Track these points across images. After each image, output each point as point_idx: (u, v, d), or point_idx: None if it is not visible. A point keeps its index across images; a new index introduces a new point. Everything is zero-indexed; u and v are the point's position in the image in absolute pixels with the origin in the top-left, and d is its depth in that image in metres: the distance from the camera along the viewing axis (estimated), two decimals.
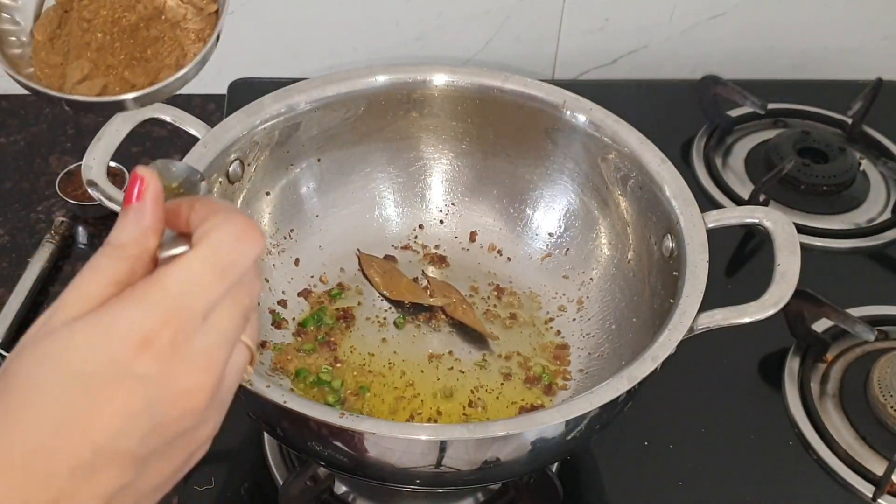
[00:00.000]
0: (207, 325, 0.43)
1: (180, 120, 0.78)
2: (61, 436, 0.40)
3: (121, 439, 0.41)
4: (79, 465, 0.40)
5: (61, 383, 0.40)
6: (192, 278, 0.42)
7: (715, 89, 1.09)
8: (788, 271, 0.70)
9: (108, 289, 0.42)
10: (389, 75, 0.84)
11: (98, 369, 0.41)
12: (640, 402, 0.70)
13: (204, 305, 0.43)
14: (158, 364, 0.41)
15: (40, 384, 0.40)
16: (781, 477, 0.80)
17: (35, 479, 0.40)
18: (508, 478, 0.72)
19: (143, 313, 0.41)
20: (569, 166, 0.85)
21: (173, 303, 0.42)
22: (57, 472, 0.40)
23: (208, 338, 0.43)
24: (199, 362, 0.43)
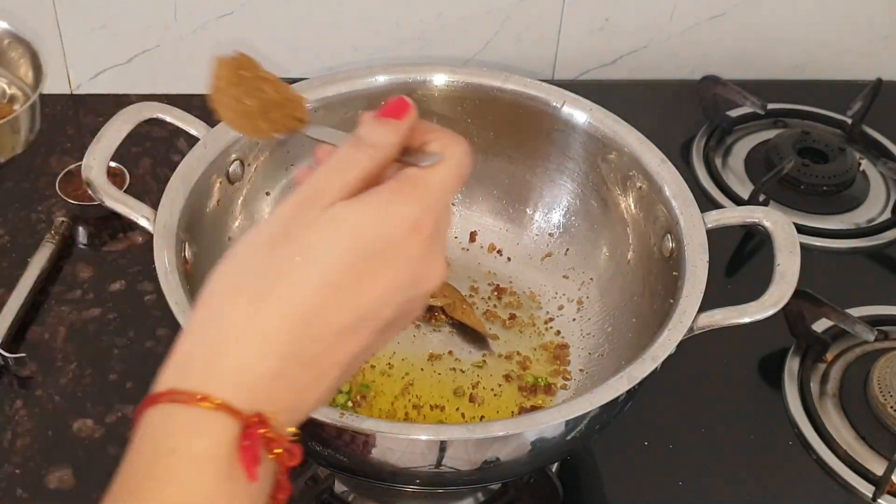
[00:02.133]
0: (443, 222, 0.51)
1: (181, 120, 0.78)
2: (337, 298, 0.47)
3: (382, 308, 0.48)
4: (345, 328, 0.47)
5: (346, 252, 0.47)
6: (446, 182, 0.50)
7: (715, 89, 1.09)
8: (788, 271, 0.70)
9: (361, 181, 0.49)
10: (389, 75, 0.84)
11: (378, 246, 0.47)
12: (640, 402, 0.70)
13: (449, 204, 0.52)
14: (423, 247, 0.49)
15: (324, 251, 0.47)
16: (781, 477, 0.80)
17: (308, 333, 0.46)
18: (508, 478, 0.72)
19: (415, 205, 0.49)
20: (569, 166, 0.85)
21: (435, 200, 0.50)
22: (327, 332, 0.47)
23: (443, 232, 0.51)
24: (440, 250, 0.51)
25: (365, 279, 0.47)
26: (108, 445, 0.81)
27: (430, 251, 0.49)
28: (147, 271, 0.93)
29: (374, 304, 0.48)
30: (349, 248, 0.47)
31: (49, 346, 0.87)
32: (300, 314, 0.46)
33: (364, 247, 0.47)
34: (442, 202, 0.50)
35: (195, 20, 1.08)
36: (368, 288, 0.47)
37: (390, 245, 0.48)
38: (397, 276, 0.48)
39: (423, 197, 0.49)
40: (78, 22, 1.07)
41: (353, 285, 0.47)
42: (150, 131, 1.06)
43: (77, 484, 0.78)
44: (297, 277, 0.46)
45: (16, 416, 0.82)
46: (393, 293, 0.48)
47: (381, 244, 0.48)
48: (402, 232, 0.48)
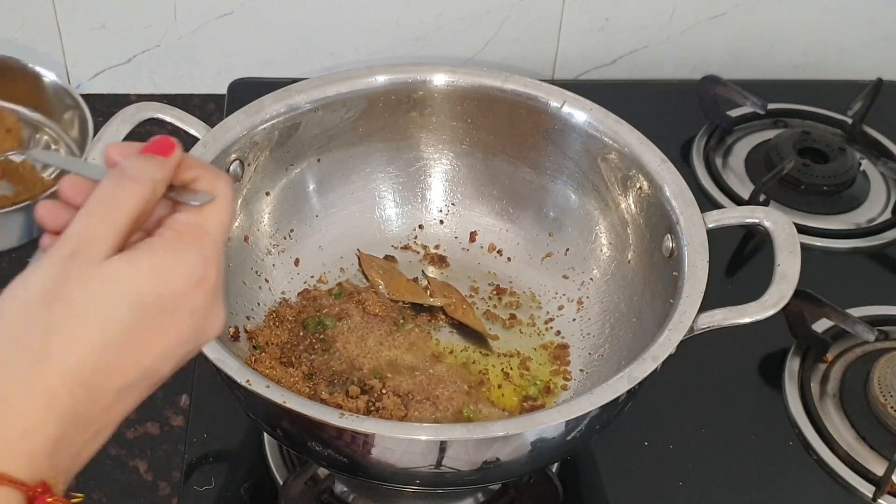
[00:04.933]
0: (222, 260, 0.50)
1: (180, 120, 0.78)
2: (118, 358, 0.45)
3: (164, 364, 0.47)
4: (126, 385, 0.46)
5: (125, 312, 0.45)
6: (222, 223, 0.49)
7: (715, 89, 1.08)
8: (788, 271, 0.70)
9: (130, 224, 0.47)
10: (389, 75, 0.84)
11: (160, 302, 0.46)
12: (641, 402, 0.70)
13: (222, 244, 0.50)
14: (207, 298, 0.48)
15: (103, 310, 0.45)
16: (782, 477, 0.80)
17: (89, 394, 0.45)
18: (508, 478, 0.72)
19: (197, 258, 0.47)
20: (569, 166, 0.85)
21: (214, 246, 0.48)
22: (108, 389, 0.46)
23: (221, 271, 0.50)
24: (222, 293, 0.49)
25: (146, 337, 0.46)
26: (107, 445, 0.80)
27: (213, 301, 0.48)
28: None
29: (156, 362, 0.47)
30: (129, 308, 0.45)
31: None
32: (80, 376, 0.44)
33: (145, 305, 0.46)
34: (219, 246, 0.49)
35: (195, 20, 1.07)
36: (150, 346, 0.46)
37: (172, 301, 0.46)
38: (181, 331, 0.47)
39: (203, 246, 0.48)
40: (78, 22, 1.06)
41: (133, 344, 0.45)
42: (149, 131, 1.05)
43: (77, 484, 0.78)
44: (75, 338, 0.44)
45: None
46: (175, 348, 0.47)
47: (163, 301, 0.46)
48: (186, 287, 0.47)
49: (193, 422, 0.81)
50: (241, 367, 0.63)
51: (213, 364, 0.63)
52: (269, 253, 0.84)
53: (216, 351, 0.64)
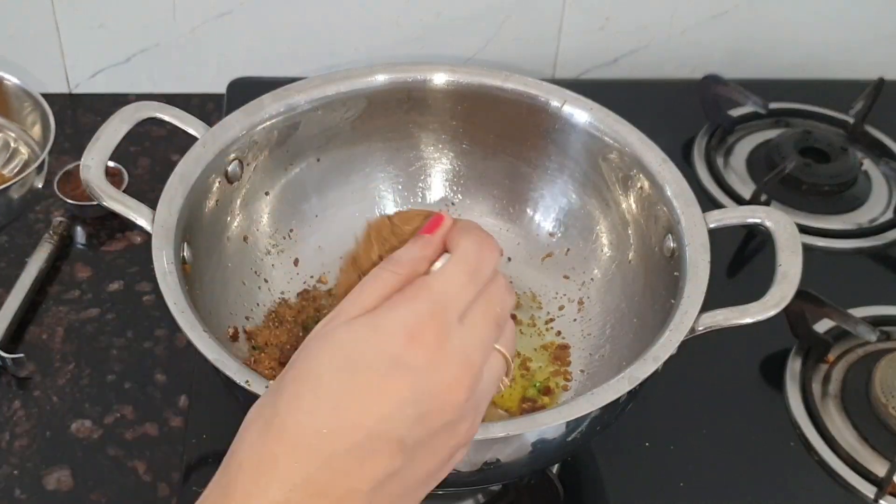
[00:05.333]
0: (464, 325, 0.48)
1: (179, 119, 0.78)
2: (339, 419, 0.45)
3: (391, 425, 0.45)
4: (354, 447, 0.45)
5: (340, 372, 0.46)
6: (449, 280, 0.49)
7: (716, 89, 1.08)
8: (790, 271, 0.70)
9: (381, 298, 0.48)
10: (389, 75, 0.84)
11: (372, 360, 0.46)
12: (641, 402, 0.70)
13: (460, 305, 0.49)
14: (424, 355, 0.46)
15: (321, 373, 0.46)
16: (783, 478, 0.80)
17: (317, 457, 0.44)
18: (509, 479, 0.72)
19: (410, 310, 0.47)
20: (569, 166, 0.84)
21: (436, 301, 0.48)
22: (336, 451, 0.45)
23: (465, 337, 0.48)
24: (459, 358, 0.47)
25: (363, 396, 0.45)
26: (106, 446, 0.80)
27: (433, 359, 0.47)
28: (145, 271, 0.93)
29: (379, 420, 0.45)
30: (339, 365, 0.46)
31: (47, 346, 0.87)
32: (297, 438, 0.45)
33: (356, 361, 0.46)
34: (447, 303, 0.48)
35: (194, 19, 1.07)
36: (368, 404, 0.45)
37: (384, 357, 0.46)
38: (400, 387, 0.46)
39: (421, 301, 0.47)
40: (76, 21, 1.06)
41: (350, 403, 0.45)
42: (148, 131, 1.06)
43: (75, 485, 0.78)
44: (291, 400, 0.45)
45: (14, 417, 0.82)
46: (397, 407, 0.46)
47: (375, 358, 0.46)
48: (397, 341, 0.46)
49: (193, 423, 0.81)
50: (241, 368, 0.63)
51: (213, 364, 0.63)
52: (269, 253, 0.83)
53: (215, 351, 0.63)
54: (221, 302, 0.78)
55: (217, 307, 0.76)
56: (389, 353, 0.46)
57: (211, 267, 0.77)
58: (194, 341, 0.64)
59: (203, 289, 0.74)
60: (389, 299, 0.48)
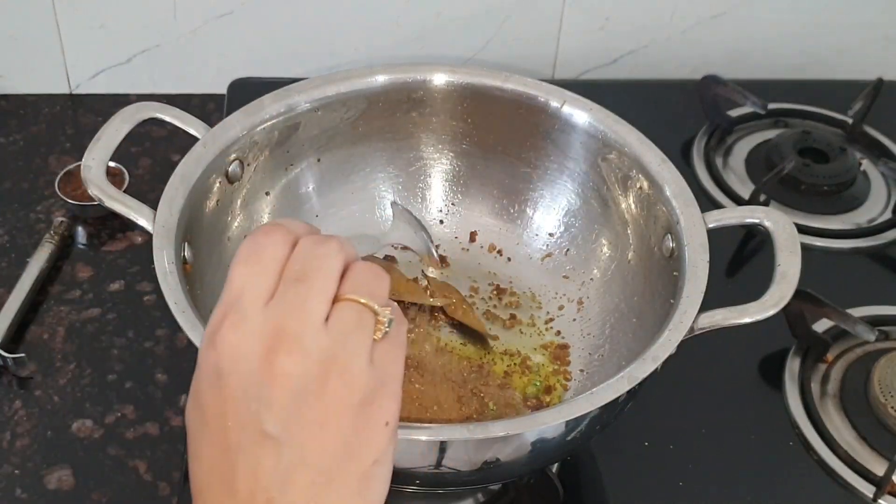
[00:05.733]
0: (270, 305, 0.51)
1: (180, 120, 0.78)
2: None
3: (242, 422, 0.48)
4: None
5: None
6: (235, 280, 0.52)
7: (715, 89, 1.08)
8: (789, 271, 0.70)
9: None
10: (389, 75, 0.84)
11: (201, 377, 0.52)
12: (641, 402, 0.70)
13: (257, 292, 0.51)
14: (229, 353, 0.51)
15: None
16: (782, 477, 0.80)
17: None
18: (508, 478, 0.72)
19: (211, 321, 0.53)
20: (569, 166, 0.85)
21: (227, 303, 0.51)
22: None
23: (271, 313, 0.50)
24: (263, 333, 0.50)
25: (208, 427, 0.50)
26: (107, 446, 0.81)
27: (236, 349, 0.49)
28: (146, 271, 0.93)
29: (231, 430, 0.48)
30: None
31: (48, 346, 0.87)
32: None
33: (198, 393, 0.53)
34: (238, 297, 0.50)
35: (195, 20, 1.07)
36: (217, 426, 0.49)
37: (210, 371, 0.52)
38: (225, 389, 0.49)
39: (217, 311, 0.51)
40: (77, 21, 1.06)
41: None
42: (149, 131, 1.06)
43: (76, 484, 0.78)
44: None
45: (15, 417, 0.82)
46: (235, 406, 0.48)
47: (203, 373, 0.52)
48: (207, 352, 0.52)
49: None
50: None
51: None
52: None
53: None
54: None
55: None
56: (211, 365, 0.49)
57: (212, 267, 0.77)
58: (195, 341, 0.64)
59: (204, 289, 0.74)
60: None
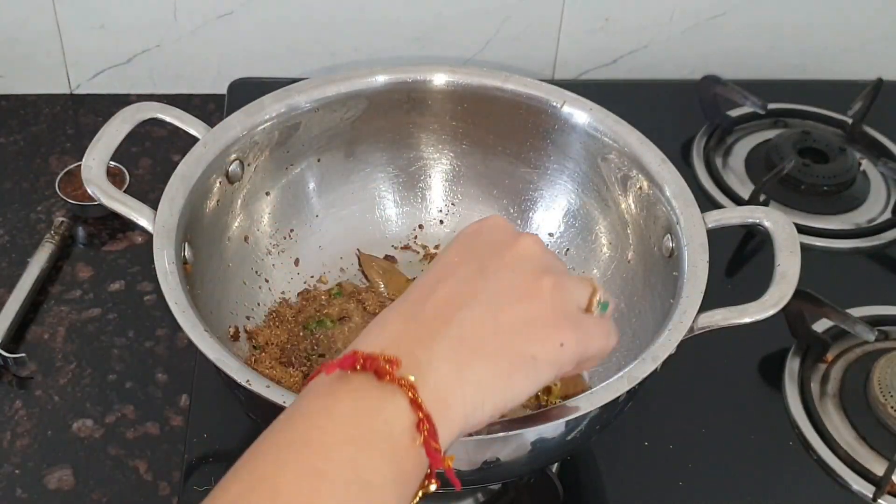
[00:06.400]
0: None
1: (180, 120, 0.78)
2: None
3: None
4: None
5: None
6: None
7: (715, 89, 1.08)
8: (789, 271, 0.70)
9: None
10: (389, 75, 0.84)
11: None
12: (641, 402, 0.70)
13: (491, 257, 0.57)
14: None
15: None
16: (781, 477, 0.80)
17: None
18: (508, 478, 0.72)
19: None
20: (569, 166, 0.85)
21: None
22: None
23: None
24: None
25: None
26: (107, 445, 0.81)
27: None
28: (146, 271, 0.93)
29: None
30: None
31: (48, 346, 0.87)
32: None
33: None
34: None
35: (195, 20, 1.07)
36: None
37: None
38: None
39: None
40: (77, 21, 1.07)
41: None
42: (149, 131, 1.06)
43: (77, 484, 0.78)
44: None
45: (15, 417, 0.82)
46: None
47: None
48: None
49: (193, 422, 0.81)
50: (241, 367, 0.63)
51: (213, 364, 0.63)
52: (269, 253, 0.84)
53: (216, 351, 0.64)
54: (222, 302, 0.78)
55: (218, 307, 0.77)
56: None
57: (212, 267, 0.77)
58: (195, 341, 0.64)
59: (204, 288, 0.74)
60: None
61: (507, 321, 0.52)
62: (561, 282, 0.54)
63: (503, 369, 0.51)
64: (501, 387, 0.51)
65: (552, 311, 0.53)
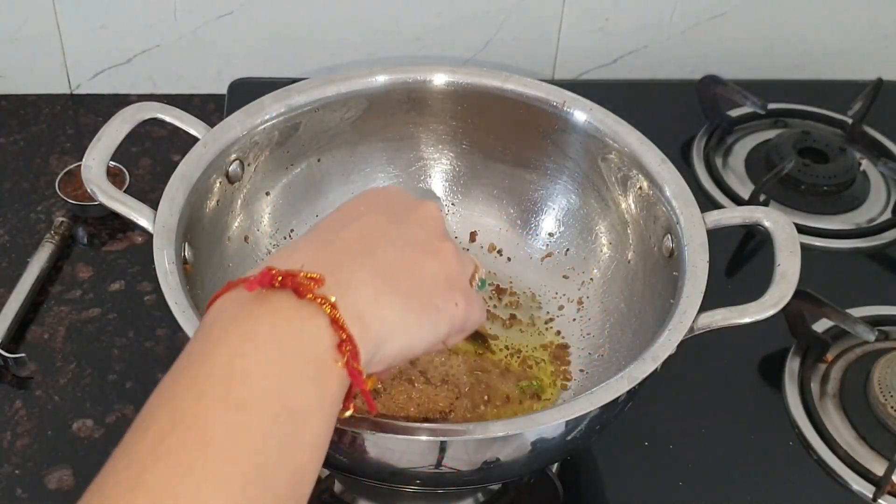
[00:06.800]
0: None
1: (180, 120, 0.78)
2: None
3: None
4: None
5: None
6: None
7: (715, 89, 1.08)
8: (789, 271, 0.70)
9: None
10: (389, 75, 0.84)
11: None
12: (641, 402, 0.70)
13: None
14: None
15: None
16: (781, 477, 0.80)
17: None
18: (508, 478, 0.72)
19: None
20: (569, 166, 0.85)
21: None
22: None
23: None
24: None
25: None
26: (108, 445, 0.81)
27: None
28: (147, 271, 0.93)
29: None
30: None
31: (48, 346, 0.87)
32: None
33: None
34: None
35: (195, 20, 1.07)
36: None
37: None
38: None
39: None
40: (77, 21, 1.07)
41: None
42: (149, 131, 1.06)
43: (77, 484, 0.78)
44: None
45: (15, 417, 0.82)
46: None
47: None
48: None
49: None
50: None
51: None
52: (270, 253, 0.83)
53: None
54: None
55: None
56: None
57: (212, 267, 0.77)
58: None
59: (204, 289, 0.74)
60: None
61: (416, 269, 0.54)
62: (455, 250, 0.58)
63: (413, 309, 0.52)
64: (411, 325, 0.52)
65: (450, 273, 0.56)
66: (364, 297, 0.49)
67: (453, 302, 0.55)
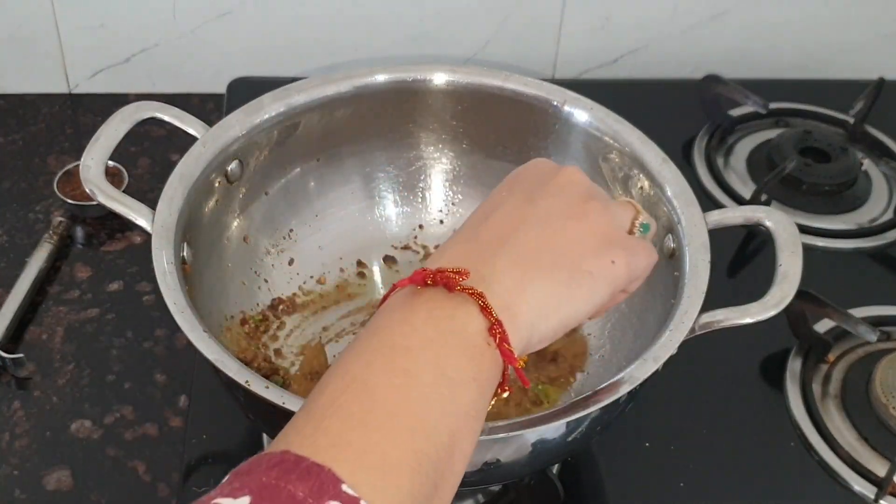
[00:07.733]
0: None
1: (179, 119, 0.78)
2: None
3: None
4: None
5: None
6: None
7: (716, 89, 1.08)
8: (790, 272, 0.70)
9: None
10: (389, 74, 0.84)
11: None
12: (642, 402, 0.70)
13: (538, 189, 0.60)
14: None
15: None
16: (783, 478, 0.80)
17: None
18: (509, 479, 0.72)
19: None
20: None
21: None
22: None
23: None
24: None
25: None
26: (106, 446, 0.80)
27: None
28: (145, 271, 0.93)
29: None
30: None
31: (47, 346, 0.87)
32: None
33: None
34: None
35: (194, 19, 1.07)
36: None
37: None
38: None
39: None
40: (76, 21, 1.06)
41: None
42: (148, 131, 1.06)
43: (75, 485, 0.78)
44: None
45: (14, 417, 0.82)
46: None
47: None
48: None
49: (192, 423, 0.81)
50: (241, 368, 0.63)
51: (212, 364, 0.63)
52: (269, 253, 0.83)
53: (215, 351, 0.63)
54: (221, 302, 0.77)
55: (217, 307, 0.76)
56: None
57: (211, 267, 0.77)
58: (194, 341, 0.64)
59: (203, 289, 0.74)
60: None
61: (559, 241, 0.54)
62: (605, 205, 0.58)
63: (562, 281, 0.53)
64: (563, 299, 0.53)
65: (600, 232, 0.56)
66: (507, 288, 0.51)
67: (609, 260, 0.55)
